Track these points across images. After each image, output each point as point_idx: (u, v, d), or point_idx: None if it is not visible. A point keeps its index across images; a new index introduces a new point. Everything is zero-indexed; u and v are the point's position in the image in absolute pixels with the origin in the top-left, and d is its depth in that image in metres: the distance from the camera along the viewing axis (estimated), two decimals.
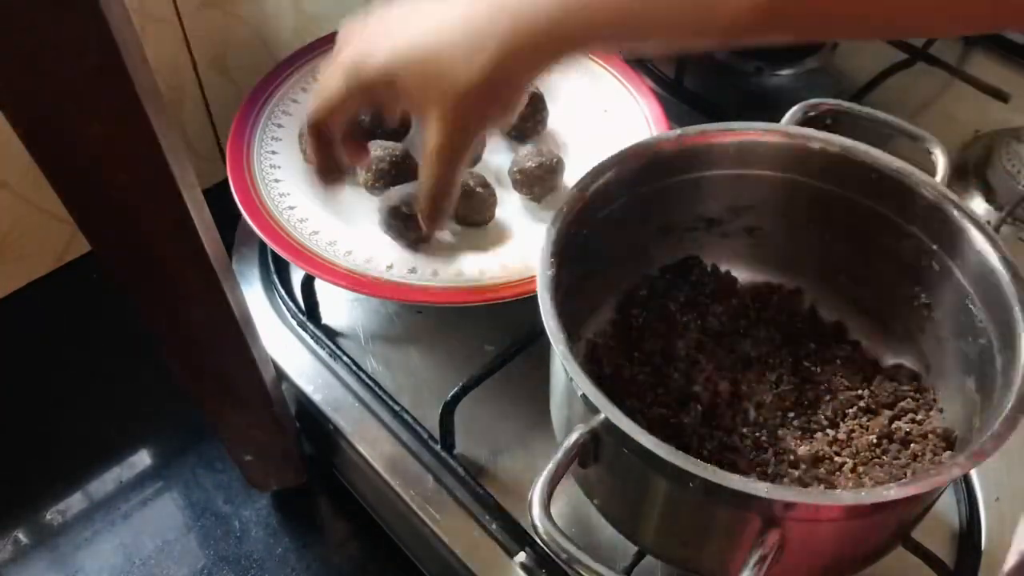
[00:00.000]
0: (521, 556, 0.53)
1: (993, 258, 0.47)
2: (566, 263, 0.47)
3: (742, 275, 0.60)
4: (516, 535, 0.54)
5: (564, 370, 0.43)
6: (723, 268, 0.60)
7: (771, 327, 0.58)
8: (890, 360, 0.56)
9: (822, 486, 0.49)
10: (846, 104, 0.58)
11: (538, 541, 0.53)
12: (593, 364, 0.55)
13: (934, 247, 0.51)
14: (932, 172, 0.53)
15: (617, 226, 0.53)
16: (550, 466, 0.41)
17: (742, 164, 0.54)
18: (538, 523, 0.40)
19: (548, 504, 0.40)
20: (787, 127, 0.54)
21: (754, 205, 0.56)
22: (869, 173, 0.52)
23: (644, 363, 0.55)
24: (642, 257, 0.58)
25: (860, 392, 0.54)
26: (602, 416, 0.41)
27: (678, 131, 0.53)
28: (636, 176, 0.52)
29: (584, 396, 0.41)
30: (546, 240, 0.47)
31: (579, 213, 0.49)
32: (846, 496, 0.40)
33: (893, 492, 0.39)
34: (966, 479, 0.56)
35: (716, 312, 0.58)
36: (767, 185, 0.55)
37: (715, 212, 0.57)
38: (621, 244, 0.55)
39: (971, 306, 0.48)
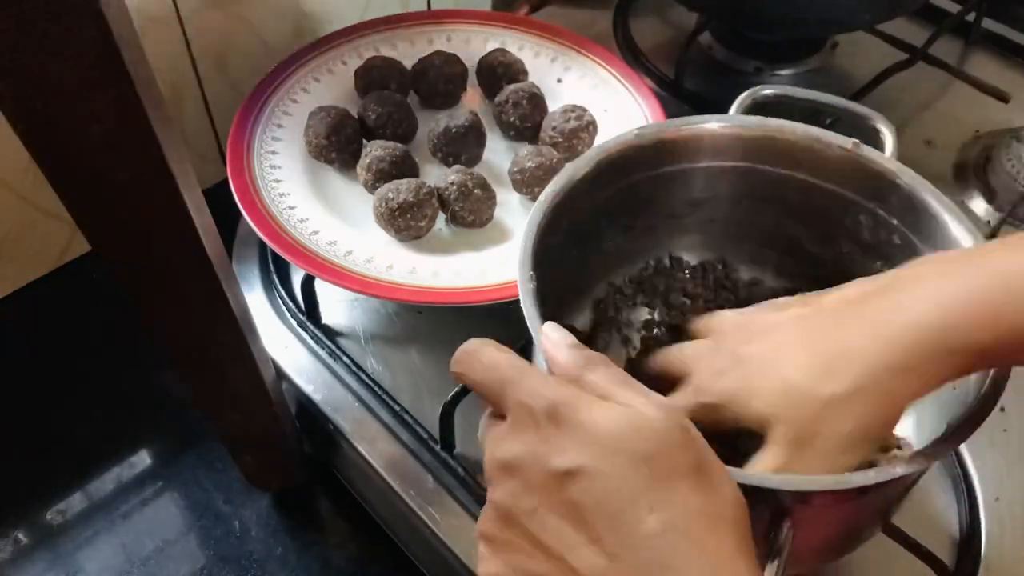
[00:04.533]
0: None
1: (953, 227, 0.48)
2: (543, 272, 0.47)
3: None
4: None
5: (548, 371, 0.43)
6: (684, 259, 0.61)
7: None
8: None
9: None
10: (789, 89, 0.58)
11: None
12: None
13: (893, 221, 0.51)
14: (883, 149, 0.54)
15: (583, 230, 0.54)
16: None
17: (697, 157, 0.55)
18: None
19: None
20: (736, 116, 0.55)
21: (712, 196, 0.57)
22: (819, 154, 0.52)
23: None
24: (609, 258, 0.59)
25: None
26: None
27: (635, 130, 0.53)
28: (598, 180, 0.52)
29: None
30: (522, 253, 0.47)
31: (549, 222, 0.49)
32: (855, 478, 0.40)
33: (900, 469, 0.40)
34: (966, 479, 0.56)
35: (683, 304, 0.59)
36: (722, 175, 0.55)
37: (676, 207, 0.57)
38: (588, 248, 0.56)
39: None
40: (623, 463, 0.32)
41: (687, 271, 0.60)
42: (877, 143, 0.53)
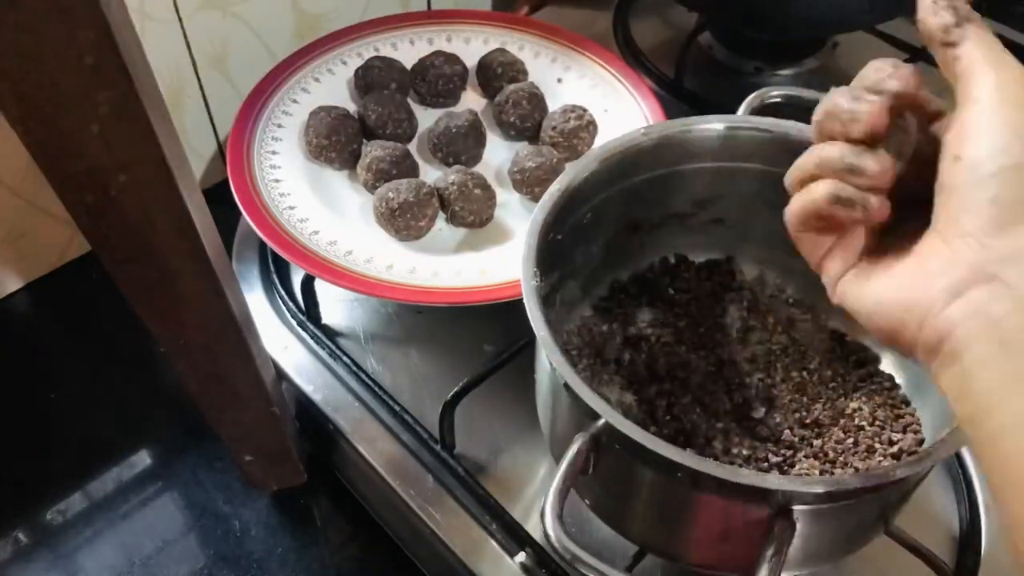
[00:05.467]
0: (521, 556, 0.53)
1: None
2: (546, 271, 0.47)
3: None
4: (516, 535, 0.54)
5: (551, 368, 0.43)
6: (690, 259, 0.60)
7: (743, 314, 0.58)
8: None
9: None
10: (796, 90, 0.58)
11: (538, 542, 0.53)
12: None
13: None
14: None
15: (588, 229, 0.54)
16: (558, 479, 0.41)
17: (704, 157, 0.54)
18: (551, 533, 0.39)
19: (561, 515, 0.40)
20: (745, 117, 0.55)
21: (718, 197, 0.57)
22: None
23: (617, 363, 0.56)
24: (614, 257, 0.59)
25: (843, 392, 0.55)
26: (602, 421, 0.41)
27: (641, 130, 0.53)
28: (603, 179, 0.52)
29: (584, 404, 0.41)
30: (526, 250, 0.47)
31: (554, 220, 0.49)
32: (854, 480, 0.41)
33: (900, 472, 0.40)
34: (966, 479, 0.56)
35: (689, 308, 0.58)
36: (729, 176, 0.55)
37: (681, 207, 0.57)
38: (593, 246, 0.56)
39: None
40: None
41: (693, 270, 0.60)
42: None
